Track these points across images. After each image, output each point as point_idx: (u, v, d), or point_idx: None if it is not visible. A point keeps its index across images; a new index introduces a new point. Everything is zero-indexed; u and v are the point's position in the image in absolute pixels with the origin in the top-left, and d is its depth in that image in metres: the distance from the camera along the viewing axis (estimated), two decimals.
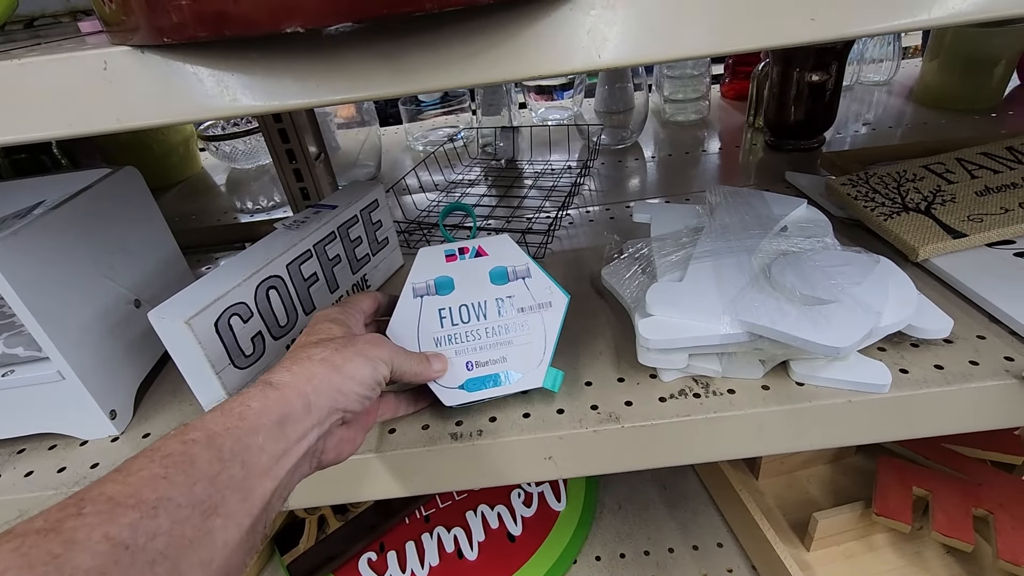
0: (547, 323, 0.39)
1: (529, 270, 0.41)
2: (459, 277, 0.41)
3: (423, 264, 0.41)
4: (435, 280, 0.40)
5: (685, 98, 0.88)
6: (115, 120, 0.23)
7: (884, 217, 0.49)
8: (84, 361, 0.39)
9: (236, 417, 0.26)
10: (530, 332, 0.39)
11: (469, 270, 0.41)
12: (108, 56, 0.22)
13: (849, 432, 0.38)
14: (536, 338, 0.39)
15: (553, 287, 0.40)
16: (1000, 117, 0.75)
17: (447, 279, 0.41)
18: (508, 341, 0.39)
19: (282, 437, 0.27)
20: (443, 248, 0.42)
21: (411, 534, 0.60)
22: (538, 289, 0.40)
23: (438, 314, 0.39)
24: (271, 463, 0.26)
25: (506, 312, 0.39)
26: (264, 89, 0.23)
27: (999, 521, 0.50)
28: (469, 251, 0.42)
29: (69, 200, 0.40)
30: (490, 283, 0.41)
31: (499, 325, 0.39)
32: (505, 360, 0.38)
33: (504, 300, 0.40)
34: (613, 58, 0.22)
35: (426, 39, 0.22)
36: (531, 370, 0.38)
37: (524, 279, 0.41)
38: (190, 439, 0.24)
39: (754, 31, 0.22)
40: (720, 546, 0.60)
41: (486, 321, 0.39)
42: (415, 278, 0.40)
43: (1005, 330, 0.40)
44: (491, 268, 0.41)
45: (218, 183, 0.92)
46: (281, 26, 0.19)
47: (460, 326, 0.39)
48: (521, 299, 0.40)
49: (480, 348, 0.38)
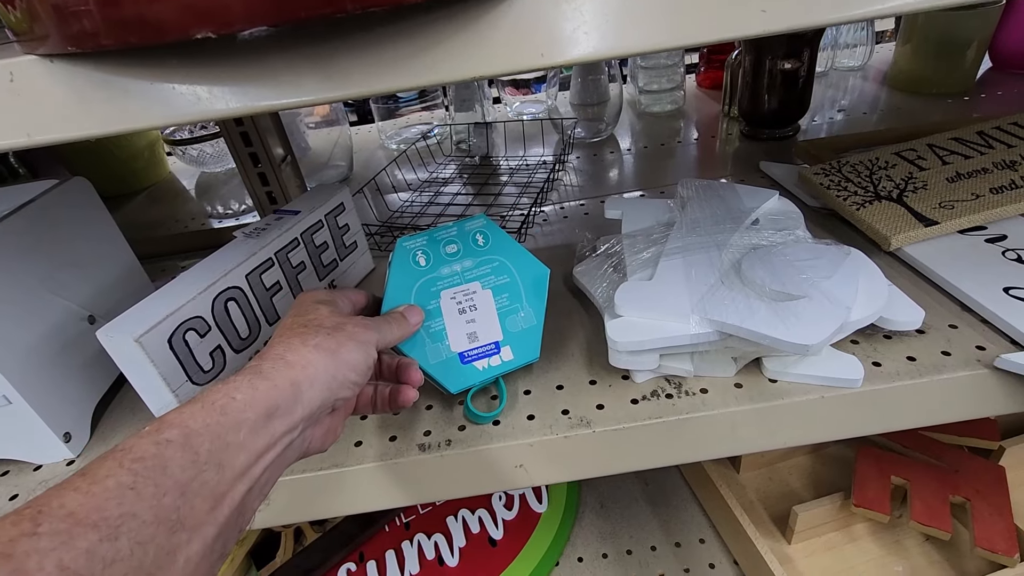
0: None
1: None
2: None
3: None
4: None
5: (660, 88, 0.87)
6: (25, 135, 0.21)
7: (857, 206, 0.49)
8: (32, 383, 0.37)
9: (218, 411, 0.24)
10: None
11: None
12: (14, 67, 0.21)
13: (823, 428, 0.38)
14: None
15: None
16: (973, 100, 0.75)
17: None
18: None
19: (266, 432, 0.25)
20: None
21: (391, 543, 0.59)
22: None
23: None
24: (249, 463, 0.24)
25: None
26: (186, 99, 0.21)
27: (976, 508, 0.50)
28: None
29: (9, 215, 0.39)
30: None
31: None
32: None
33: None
34: (556, 57, 0.21)
35: (357, 42, 0.21)
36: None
37: None
38: (164, 439, 0.22)
39: (703, 25, 0.21)
40: (702, 542, 0.59)
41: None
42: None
43: (977, 318, 0.39)
44: None
45: (187, 188, 0.89)
46: (190, 33, 0.18)
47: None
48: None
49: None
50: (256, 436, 0.24)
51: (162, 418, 0.23)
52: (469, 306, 0.39)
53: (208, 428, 0.23)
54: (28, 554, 0.17)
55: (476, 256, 0.41)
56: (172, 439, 0.22)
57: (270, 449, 0.25)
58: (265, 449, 0.25)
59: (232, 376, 0.26)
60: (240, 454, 0.23)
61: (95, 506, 0.19)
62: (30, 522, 0.18)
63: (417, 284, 0.40)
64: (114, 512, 0.19)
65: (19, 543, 0.17)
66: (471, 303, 0.40)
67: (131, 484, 0.20)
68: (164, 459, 0.21)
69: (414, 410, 0.40)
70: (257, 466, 0.24)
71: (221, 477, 0.22)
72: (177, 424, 0.22)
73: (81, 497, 0.19)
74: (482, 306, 0.40)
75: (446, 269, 0.40)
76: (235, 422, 0.24)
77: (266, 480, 0.25)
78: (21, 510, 0.18)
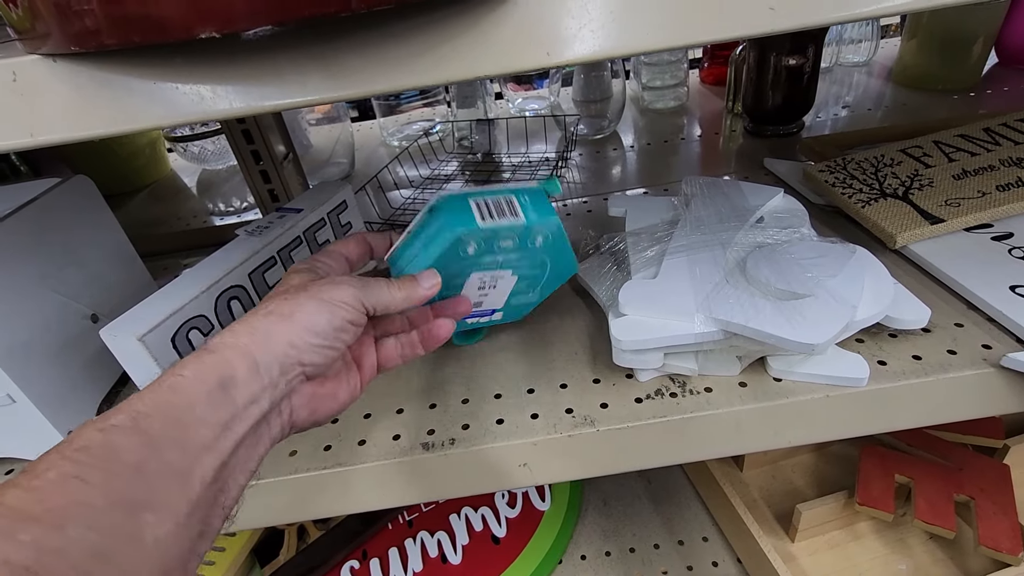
0: None
1: None
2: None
3: None
4: None
5: (663, 85, 0.86)
6: (28, 135, 0.21)
7: (862, 204, 0.48)
8: (36, 381, 0.37)
9: (167, 390, 0.23)
10: None
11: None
12: (17, 66, 0.21)
13: (828, 428, 0.37)
14: None
15: None
16: (979, 96, 0.75)
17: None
18: None
19: (225, 403, 0.24)
20: None
21: (394, 540, 0.59)
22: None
23: None
24: (213, 436, 0.23)
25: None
26: (189, 98, 0.21)
27: (980, 507, 0.50)
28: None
29: (13, 214, 0.39)
30: None
31: None
32: None
33: None
34: (562, 56, 0.21)
35: (362, 41, 0.20)
36: None
37: None
38: (111, 425, 0.21)
39: (711, 23, 0.21)
40: (705, 540, 0.59)
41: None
42: None
43: (983, 317, 0.39)
44: None
45: (188, 185, 0.89)
46: (194, 32, 0.17)
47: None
48: None
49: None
50: (214, 409, 0.23)
51: (112, 408, 0.22)
52: (491, 286, 0.38)
53: (158, 408, 0.22)
54: None
55: (527, 253, 0.36)
56: (118, 424, 0.21)
57: (236, 421, 0.24)
58: (229, 420, 0.24)
59: (183, 359, 0.25)
60: (200, 428, 0.23)
61: (36, 499, 0.18)
62: None
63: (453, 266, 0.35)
64: (58, 502, 0.18)
65: None
66: (493, 284, 0.38)
67: (75, 473, 0.19)
68: (111, 444, 0.20)
69: (418, 409, 0.40)
70: (225, 439, 0.23)
71: (183, 454, 0.22)
72: (124, 410, 0.22)
73: (22, 492, 0.19)
74: (501, 286, 0.38)
75: (490, 259, 0.36)
76: (188, 400, 0.23)
77: (246, 456, 0.24)
78: None
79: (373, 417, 0.40)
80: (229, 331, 0.26)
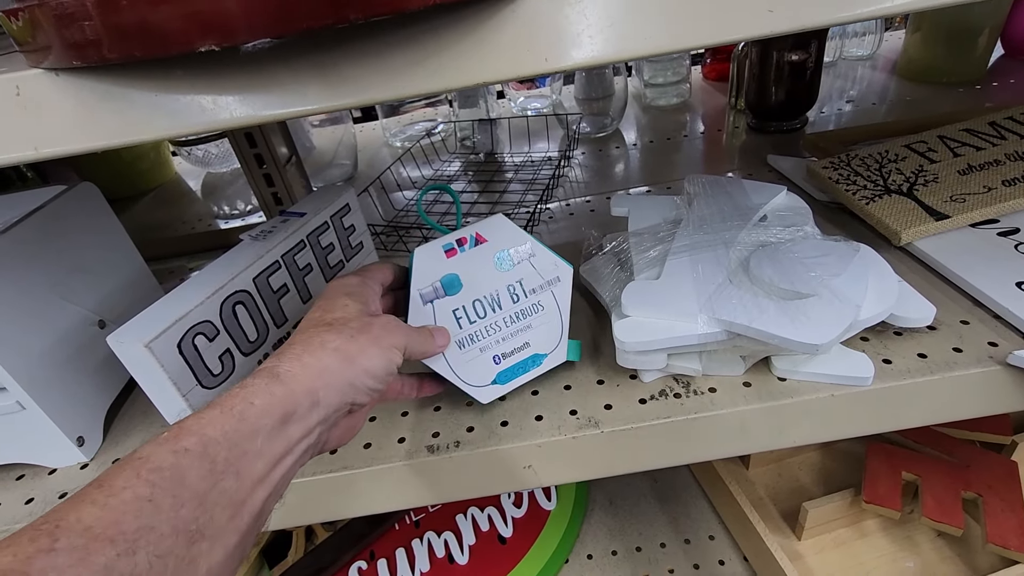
0: (559, 298, 0.39)
1: (533, 249, 0.39)
2: (464, 271, 0.38)
3: (423, 265, 0.37)
4: (441, 281, 0.37)
5: (665, 82, 0.86)
6: (32, 148, 0.21)
7: (866, 201, 0.48)
8: (45, 388, 0.38)
9: (236, 418, 0.23)
10: (546, 311, 0.39)
11: (472, 262, 0.38)
12: (21, 80, 0.21)
13: (833, 427, 0.37)
14: (552, 315, 0.39)
15: (558, 261, 0.39)
16: (984, 89, 0.74)
17: (453, 277, 0.38)
18: (528, 326, 0.38)
19: (283, 437, 0.24)
20: (440, 244, 0.38)
21: (401, 541, 0.59)
22: (544, 266, 0.39)
23: (453, 316, 0.37)
24: (267, 469, 0.24)
25: (520, 298, 0.39)
26: (191, 109, 0.21)
27: (988, 504, 0.49)
28: (468, 241, 0.38)
29: (20, 222, 0.39)
30: (496, 270, 0.38)
31: (516, 312, 0.38)
32: (528, 345, 0.38)
33: (515, 286, 0.38)
34: (561, 62, 0.21)
35: (361, 50, 0.21)
36: (554, 348, 0.39)
37: (530, 259, 0.39)
38: (182, 448, 0.21)
39: (709, 26, 0.21)
40: (712, 538, 0.59)
41: (502, 311, 0.38)
42: (420, 283, 0.37)
43: (989, 314, 0.39)
44: (494, 255, 0.39)
45: (193, 188, 0.90)
46: (194, 45, 0.17)
47: (478, 323, 0.38)
48: (530, 280, 0.39)
49: (503, 339, 0.38)
50: (273, 442, 0.24)
51: (180, 424, 0.23)
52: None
53: (226, 436, 0.23)
54: (45, 571, 0.17)
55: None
56: (190, 448, 0.22)
57: (288, 455, 0.25)
58: (283, 454, 0.24)
59: (249, 378, 0.26)
60: (258, 461, 0.23)
61: (112, 520, 0.19)
62: (48, 538, 0.18)
63: None
64: (131, 526, 0.19)
65: (36, 560, 0.17)
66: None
67: (149, 496, 0.20)
68: (182, 469, 0.21)
69: (422, 412, 0.40)
70: (275, 472, 0.24)
71: (240, 485, 0.22)
72: (195, 431, 0.22)
73: (98, 511, 0.19)
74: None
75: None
76: (252, 429, 0.23)
77: (284, 484, 0.25)
78: (39, 524, 0.18)
79: (378, 420, 0.40)
80: (297, 359, 0.27)
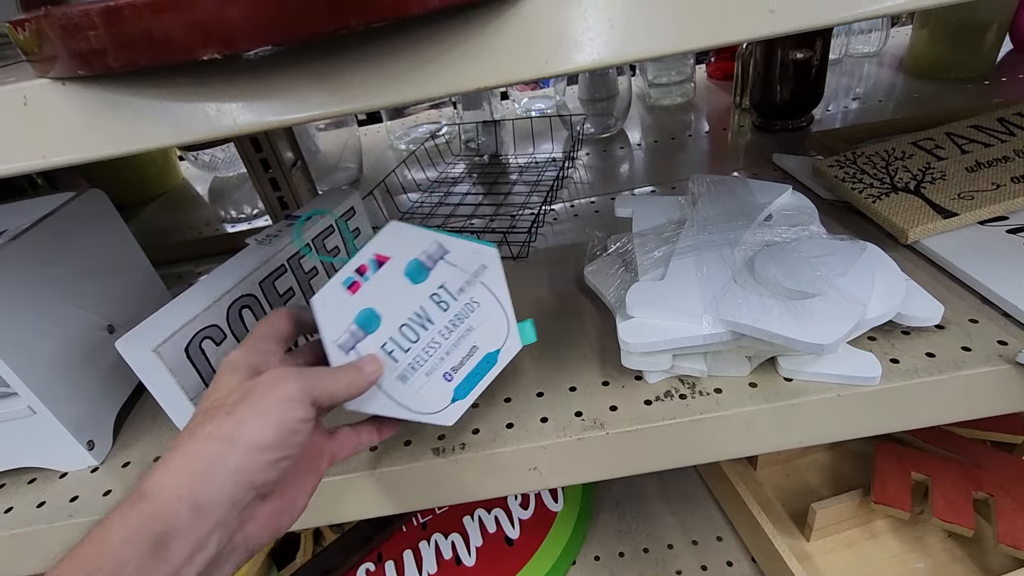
0: (492, 286, 0.34)
1: (443, 247, 0.33)
2: (377, 301, 0.32)
3: (328, 312, 0.31)
4: (356, 322, 0.31)
5: (669, 81, 0.86)
6: (40, 157, 0.22)
7: (873, 199, 0.48)
8: (55, 393, 0.38)
9: (89, 559, 0.20)
10: (483, 306, 0.34)
11: (382, 287, 0.32)
12: (28, 90, 0.21)
13: (840, 427, 0.37)
14: (491, 308, 0.34)
15: (477, 248, 0.34)
16: (993, 85, 0.73)
17: (367, 313, 0.32)
18: (469, 329, 0.34)
19: (162, 564, 0.21)
20: (338, 282, 0.31)
21: (408, 543, 0.60)
22: (464, 260, 0.34)
23: (385, 353, 0.32)
24: None
25: (448, 304, 0.33)
26: (196, 117, 0.21)
27: (999, 504, 0.49)
28: (368, 267, 0.32)
29: (30, 229, 0.39)
30: (412, 285, 0.33)
31: (450, 320, 0.34)
32: (477, 348, 0.34)
33: (439, 293, 0.33)
34: (561, 65, 0.21)
35: (362, 55, 0.21)
36: (505, 339, 0.35)
37: (444, 258, 0.33)
38: None
39: (711, 28, 0.21)
40: (719, 539, 0.59)
41: (435, 325, 0.33)
42: (331, 334, 0.31)
43: (998, 312, 0.38)
44: (403, 269, 0.33)
45: (200, 193, 0.91)
46: (197, 53, 0.18)
47: (414, 348, 0.33)
48: (453, 281, 0.34)
49: (447, 354, 0.34)
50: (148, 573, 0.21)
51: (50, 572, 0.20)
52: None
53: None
54: None
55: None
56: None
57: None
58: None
59: (118, 505, 0.22)
60: None
61: None
62: None
63: None
64: None
65: None
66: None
67: None
68: None
69: None
70: None
71: None
72: None
73: None
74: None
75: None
76: (114, 568, 0.20)
77: None
78: None
79: None
80: (164, 467, 0.23)
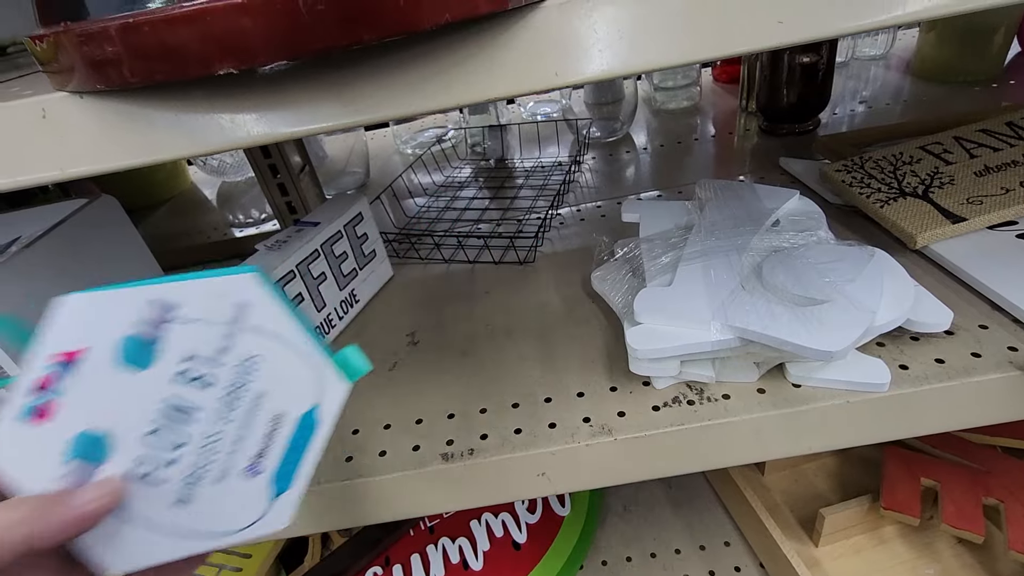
0: (269, 323, 0.23)
1: (164, 302, 0.22)
2: (90, 418, 0.22)
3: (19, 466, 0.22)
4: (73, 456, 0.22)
5: (675, 85, 0.86)
6: (58, 169, 0.22)
7: (880, 204, 0.48)
8: None
9: None
10: (267, 356, 0.23)
11: (89, 396, 0.22)
12: (47, 103, 0.22)
13: (849, 433, 0.37)
14: (280, 352, 0.23)
15: (219, 281, 0.22)
16: (1001, 88, 0.73)
17: (82, 439, 0.22)
18: (260, 396, 0.23)
19: None
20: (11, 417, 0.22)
21: (416, 547, 0.60)
22: (207, 307, 0.22)
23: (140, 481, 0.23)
24: None
25: (212, 375, 0.23)
26: (210, 129, 0.22)
27: (1010, 510, 0.49)
28: (52, 378, 0.22)
29: (44, 235, 0.40)
30: (138, 374, 0.22)
31: (223, 397, 0.23)
32: (282, 416, 0.24)
33: (187, 370, 0.23)
34: (571, 76, 0.21)
35: (373, 68, 0.21)
36: (322, 387, 0.24)
37: (171, 317, 0.22)
38: None
39: (719, 39, 0.21)
40: (727, 545, 0.59)
41: (203, 412, 0.23)
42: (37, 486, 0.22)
43: (1008, 318, 0.38)
44: (113, 357, 0.22)
45: (209, 197, 0.91)
46: (213, 68, 0.18)
47: (183, 455, 0.23)
48: (204, 343, 0.23)
49: (238, 442, 0.23)
50: None
51: None
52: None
53: None
54: None
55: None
56: None
57: None
58: None
59: None
60: None
61: None
62: None
63: None
64: None
65: None
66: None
67: None
68: None
69: (436, 419, 0.40)
70: None
71: None
72: None
73: None
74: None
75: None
76: None
77: None
78: None
79: (392, 428, 0.40)
80: None
